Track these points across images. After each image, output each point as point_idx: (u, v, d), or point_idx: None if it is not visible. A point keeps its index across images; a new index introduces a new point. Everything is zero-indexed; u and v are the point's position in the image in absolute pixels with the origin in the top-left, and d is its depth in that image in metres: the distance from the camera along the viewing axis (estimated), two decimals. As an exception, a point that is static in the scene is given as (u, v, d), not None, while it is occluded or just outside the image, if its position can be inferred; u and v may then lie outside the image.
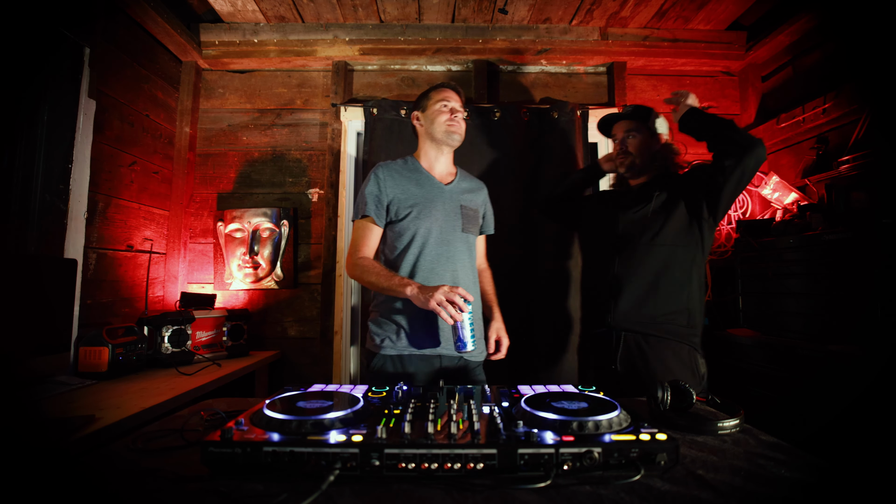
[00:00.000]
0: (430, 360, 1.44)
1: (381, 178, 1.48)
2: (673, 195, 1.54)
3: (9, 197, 1.62)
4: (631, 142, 1.62)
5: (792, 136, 2.28)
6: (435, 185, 1.52)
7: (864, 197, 1.79)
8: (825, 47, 2.18)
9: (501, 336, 1.55)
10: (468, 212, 1.54)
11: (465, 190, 1.59)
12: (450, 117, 1.51)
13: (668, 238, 1.51)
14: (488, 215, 1.67)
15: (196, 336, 2.07)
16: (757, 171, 1.42)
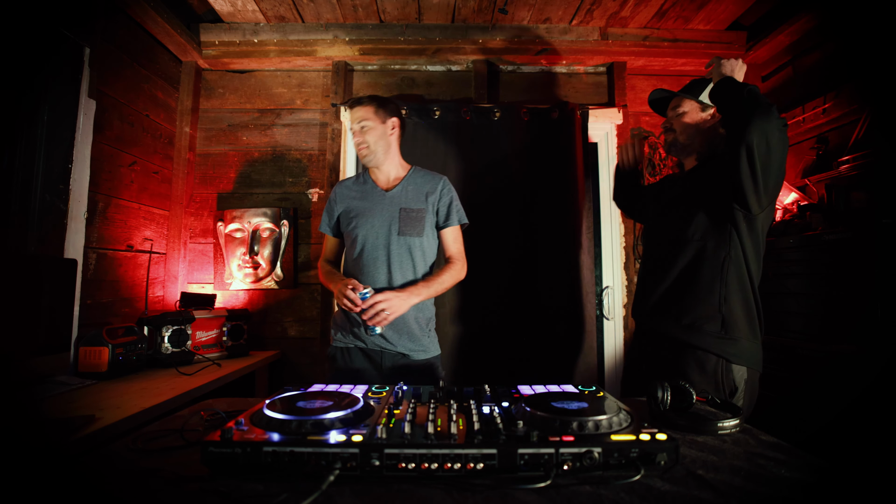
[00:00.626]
0: (371, 355, 1.54)
1: (333, 196, 1.69)
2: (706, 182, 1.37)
3: (9, 197, 1.62)
4: (674, 118, 1.50)
5: (792, 136, 2.28)
6: (376, 194, 1.62)
7: (864, 197, 1.79)
8: (825, 47, 2.18)
9: (379, 302, 1.40)
10: (408, 214, 1.57)
11: (409, 191, 1.61)
12: (355, 143, 1.60)
13: (696, 233, 1.34)
14: (446, 209, 1.61)
15: (196, 336, 2.06)
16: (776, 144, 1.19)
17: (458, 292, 2.33)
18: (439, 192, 1.62)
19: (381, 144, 1.59)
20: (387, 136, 1.61)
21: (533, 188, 2.38)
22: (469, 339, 2.32)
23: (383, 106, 1.61)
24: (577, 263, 2.34)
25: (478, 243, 2.34)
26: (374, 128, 1.58)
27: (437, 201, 1.61)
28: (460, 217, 1.65)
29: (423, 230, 1.57)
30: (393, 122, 1.63)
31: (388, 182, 1.64)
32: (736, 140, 1.21)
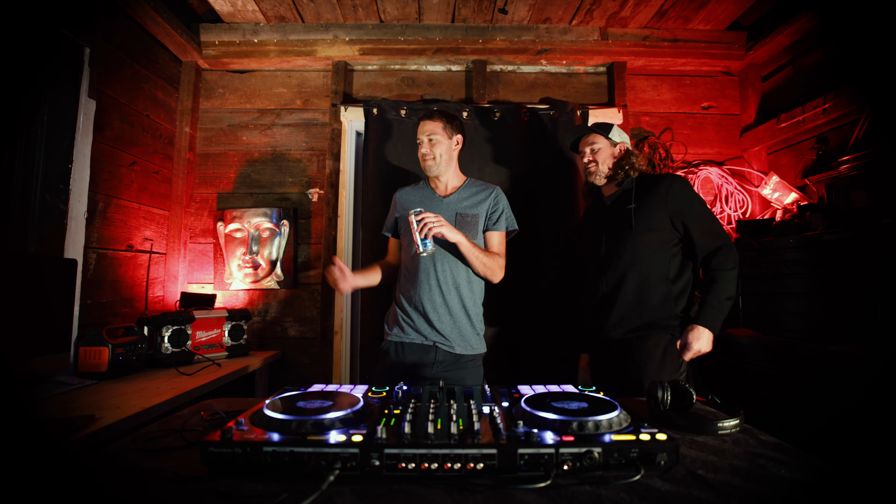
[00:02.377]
0: (426, 349, 1.64)
1: (394, 201, 1.83)
2: (648, 209, 1.63)
3: (9, 197, 1.62)
4: (592, 153, 1.77)
5: (792, 136, 2.28)
6: (435, 200, 1.74)
7: (864, 197, 1.79)
8: (825, 47, 2.18)
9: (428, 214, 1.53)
10: (464, 218, 1.68)
11: (465, 198, 1.73)
12: (421, 153, 1.72)
13: (645, 256, 1.62)
14: (497, 215, 1.73)
15: (196, 336, 2.06)
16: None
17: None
18: (493, 199, 1.73)
19: (445, 157, 1.70)
20: (451, 150, 1.73)
21: (533, 188, 2.38)
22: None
23: (451, 122, 1.72)
24: (578, 263, 2.34)
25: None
26: (442, 141, 1.69)
27: (490, 208, 1.72)
28: (509, 223, 1.75)
29: (477, 234, 1.69)
30: (458, 139, 1.74)
31: (445, 190, 1.76)
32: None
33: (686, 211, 1.60)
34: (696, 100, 2.63)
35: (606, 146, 1.76)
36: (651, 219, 1.61)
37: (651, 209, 1.62)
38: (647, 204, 1.63)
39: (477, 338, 1.71)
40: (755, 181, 2.49)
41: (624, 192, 1.72)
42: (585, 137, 1.81)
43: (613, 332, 1.64)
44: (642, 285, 1.61)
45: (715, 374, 2.23)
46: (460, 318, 1.66)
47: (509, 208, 1.76)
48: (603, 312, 1.68)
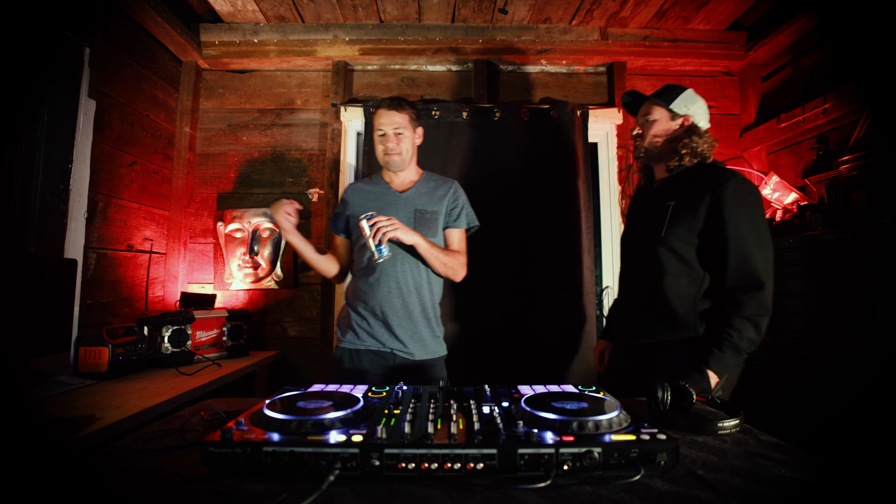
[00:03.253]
0: (382, 356, 1.55)
1: (345, 197, 1.69)
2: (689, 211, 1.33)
3: (9, 197, 1.62)
4: (644, 125, 1.47)
5: (792, 136, 2.28)
6: (391, 196, 1.63)
7: (864, 197, 1.79)
8: (825, 47, 2.18)
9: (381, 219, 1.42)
10: (423, 215, 1.59)
11: (423, 193, 1.63)
12: (385, 147, 1.59)
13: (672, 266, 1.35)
14: (457, 211, 1.64)
15: (196, 336, 2.06)
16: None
17: (459, 292, 2.33)
18: (452, 195, 1.65)
19: (410, 152, 1.62)
20: (414, 144, 1.64)
21: (533, 188, 2.38)
22: (469, 339, 2.32)
23: (415, 114, 1.64)
24: (578, 263, 2.34)
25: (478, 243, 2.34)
26: (409, 136, 1.60)
27: (450, 204, 1.64)
28: (469, 220, 1.67)
29: (437, 232, 1.60)
30: (420, 132, 1.66)
31: (402, 185, 1.65)
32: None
33: (728, 225, 1.27)
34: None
35: (663, 119, 1.44)
36: (689, 223, 1.32)
37: (692, 211, 1.32)
38: (690, 203, 1.33)
39: (436, 341, 1.63)
40: (755, 181, 2.49)
41: (670, 179, 1.43)
42: (644, 104, 1.52)
43: (636, 338, 1.45)
44: (664, 300, 1.36)
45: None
46: (420, 322, 1.56)
47: (468, 203, 1.69)
48: (626, 313, 1.54)
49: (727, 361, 1.27)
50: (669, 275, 1.35)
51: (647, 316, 1.41)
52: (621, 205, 2.53)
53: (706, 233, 1.32)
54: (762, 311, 1.26)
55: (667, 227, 1.35)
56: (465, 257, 1.63)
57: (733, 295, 1.29)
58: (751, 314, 1.26)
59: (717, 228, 1.30)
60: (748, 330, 1.26)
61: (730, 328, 1.26)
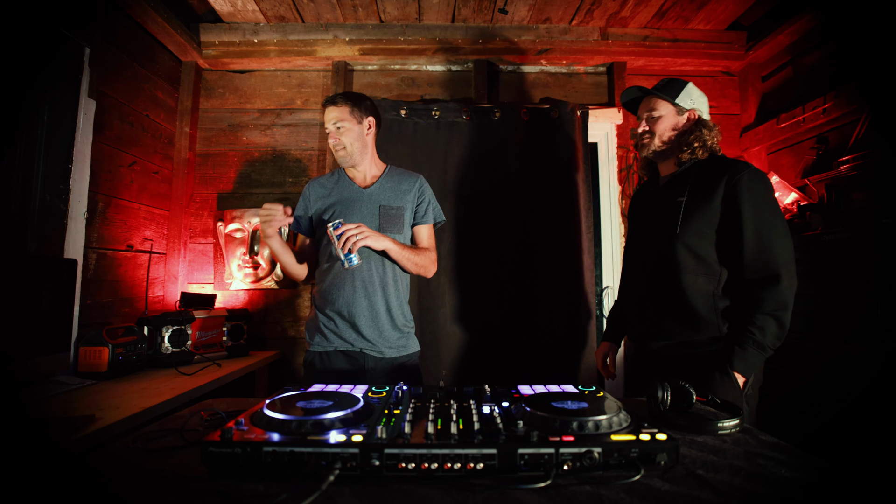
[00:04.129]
0: (353, 357, 1.53)
1: (306, 194, 1.64)
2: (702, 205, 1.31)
3: (9, 197, 1.62)
4: (650, 121, 1.43)
5: (792, 136, 2.28)
6: (354, 192, 1.59)
7: (864, 197, 1.79)
8: (825, 47, 2.18)
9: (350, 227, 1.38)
10: (388, 211, 1.56)
11: (388, 188, 1.59)
12: (331, 144, 1.57)
13: (690, 264, 1.32)
14: (424, 207, 1.61)
15: (196, 336, 2.06)
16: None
17: (459, 292, 2.33)
18: (418, 190, 1.61)
19: (357, 145, 1.55)
20: (363, 136, 1.57)
21: (533, 188, 2.38)
22: (469, 339, 2.32)
23: (358, 105, 1.55)
24: (578, 263, 2.34)
25: (478, 243, 2.35)
26: (351, 128, 1.53)
27: (416, 199, 1.60)
28: (436, 215, 1.65)
29: (403, 227, 1.57)
30: (369, 122, 1.59)
31: (364, 180, 1.62)
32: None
33: (745, 216, 1.25)
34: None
35: (671, 114, 1.41)
36: (704, 218, 1.30)
37: (706, 205, 1.29)
38: (703, 198, 1.30)
39: (405, 337, 1.58)
40: (755, 181, 2.48)
41: (680, 174, 1.39)
42: (646, 101, 1.47)
43: (651, 342, 1.39)
44: (683, 298, 1.32)
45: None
46: (386, 321, 1.53)
47: (434, 198, 1.66)
48: (640, 316, 1.45)
49: (752, 360, 1.24)
50: (687, 273, 1.32)
51: (665, 317, 1.36)
52: (621, 205, 2.53)
53: (722, 226, 1.29)
54: (783, 306, 1.23)
55: (681, 224, 1.31)
56: (434, 253, 1.61)
57: (752, 290, 1.26)
58: (771, 309, 1.23)
59: (733, 220, 1.27)
60: (771, 326, 1.23)
61: (751, 326, 1.24)
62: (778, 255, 1.24)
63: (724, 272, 1.32)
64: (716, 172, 1.32)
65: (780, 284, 1.23)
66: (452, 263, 2.34)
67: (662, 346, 1.37)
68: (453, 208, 2.36)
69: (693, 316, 1.31)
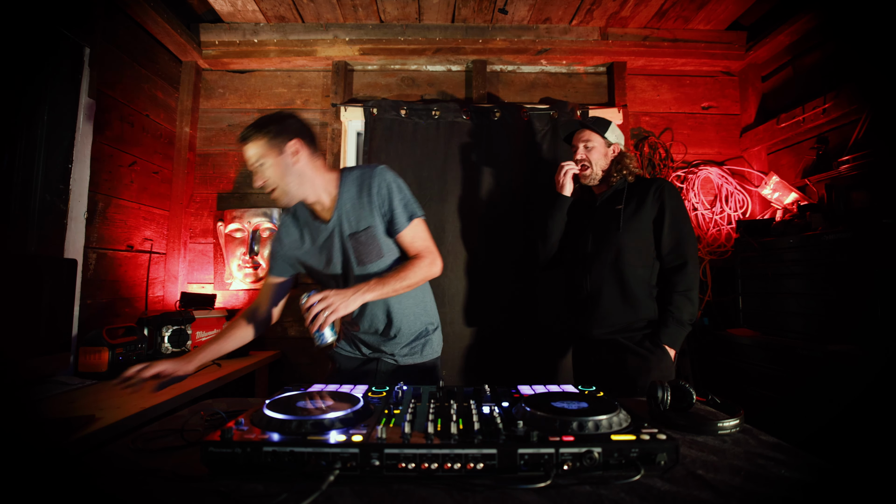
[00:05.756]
0: (368, 361, 1.48)
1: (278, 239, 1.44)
2: (636, 211, 1.61)
3: (9, 197, 1.62)
4: (585, 151, 1.71)
5: (792, 136, 2.28)
6: (317, 229, 1.38)
7: (864, 197, 1.79)
8: (825, 47, 2.18)
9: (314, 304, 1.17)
10: (358, 239, 1.34)
11: (350, 212, 1.34)
12: (257, 184, 1.31)
13: (630, 258, 1.59)
14: (394, 211, 1.33)
15: (196, 336, 2.06)
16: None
17: (459, 292, 2.33)
18: (378, 195, 1.33)
19: (289, 179, 1.28)
20: (288, 166, 1.28)
21: (533, 188, 2.38)
22: (470, 340, 2.32)
23: (276, 133, 1.27)
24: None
25: (478, 243, 2.35)
26: (275, 163, 1.27)
27: (379, 206, 1.34)
28: (412, 211, 1.35)
29: (382, 249, 1.35)
30: (293, 147, 1.29)
31: (324, 208, 1.37)
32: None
33: (666, 217, 1.57)
34: (696, 100, 2.63)
35: (601, 145, 1.71)
36: (638, 221, 1.60)
37: (639, 212, 1.61)
38: (636, 206, 1.62)
39: (423, 345, 1.45)
40: (755, 181, 2.49)
41: (615, 192, 1.69)
42: (580, 133, 1.75)
43: (596, 331, 1.62)
44: (627, 286, 1.58)
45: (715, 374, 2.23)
46: (392, 335, 1.41)
47: (401, 189, 1.35)
48: (586, 311, 1.65)
49: (675, 334, 1.52)
50: (629, 265, 1.58)
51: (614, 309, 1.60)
52: (621, 205, 2.53)
53: (650, 226, 1.60)
54: (691, 286, 1.54)
55: (622, 223, 1.60)
56: (432, 254, 1.36)
57: (668, 277, 1.57)
58: (682, 289, 1.53)
59: (658, 220, 1.59)
60: (684, 303, 1.52)
61: (669, 305, 1.54)
62: (690, 248, 1.56)
63: (656, 264, 1.60)
64: (643, 186, 1.65)
65: (688, 268, 1.54)
66: (453, 263, 2.34)
67: (607, 333, 1.61)
68: (453, 208, 2.36)
69: (634, 300, 1.58)
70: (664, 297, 1.57)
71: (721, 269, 2.42)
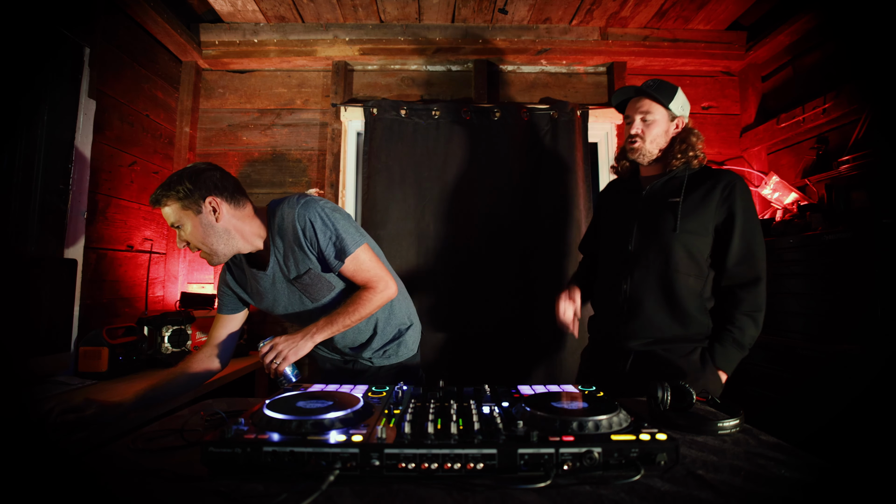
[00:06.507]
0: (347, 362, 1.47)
1: (226, 280, 1.38)
2: (697, 208, 1.33)
3: (9, 197, 1.62)
4: (641, 124, 1.40)
5: (792, 136, 2.28)
6: (262, 280, 1.30)
7: (864, 197, 1.79)
8: (825, 47, 2.18)
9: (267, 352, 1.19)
10: (303, 281, 1.27)
11: (284, 257, 1.26)
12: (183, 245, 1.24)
13: (683, 264, 1.33)
14: (330, 247, 1.23)
15: (196, 336, 2.06)
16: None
17: (458, 292, 2.33)
18: (301, 235, 1.22)
19: (214, 239, 1.18)
20: (210, 226, 1.17)
21: (533, 188, 2.38)
22: (470, 341, 2.32)
23: (188, 192, 1.15)
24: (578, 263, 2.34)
25: (478, 243, 2.35)
26: (196, 225, 1.16)
27: (312, 249, 1.23)
28: (342, 248, 1.23)
29: (330, 283, 1.29)
30: (211, 204, 1.17)
31: (259, 254, 1.30)
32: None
33: (738, 221, 1.30)
34: (696, 100, 2.62)
35: (664, 118, 1.39)
36: (699, 220, 1.32)
37: (700, 209, 1.32)
38: (697, 202, 1.33)
39: (397, 346, 1.43)
40: (755, 181, 2.49)
41: (671, 179, 1.39)
42: (638, 101, 1.42)
43: (633, 342, 1.37)
44: (676, 297, 1.33)
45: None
46: (364, 345, 1.40)
47: (327, 227, 1.22)
48: (621, 317, 1.40)
49: (732, 357, 1.31)
50: (681, 272, 1.33)
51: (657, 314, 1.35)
52: (621, 205, 2.53)
53: (711, 228, 1.34)
54: (759, 307, 1.31)
55: (680, 222, 1.32)
56: (378, 282, 1.27)
57: (733, 291, 1.32)
58: (749, 310, 1.30)
59: (726, 226, 1.32)
60: (749, 326, 1.30)
61: (731, 325, 1.30)
62: (762, 262, 1.32)
63: (711, 273, 1.36)
64: (708, 178, 1.36)
65: (760, 286, 1.30)
66: (451, 263, 2.34)
67: (644, 343, 1.36)
68: (452, 208, 2.36)
69: (683, 314, 1.34)
70: (724, 313, 1.32)
71: (721, 269, 2.41)
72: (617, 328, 1.41)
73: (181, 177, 1.16)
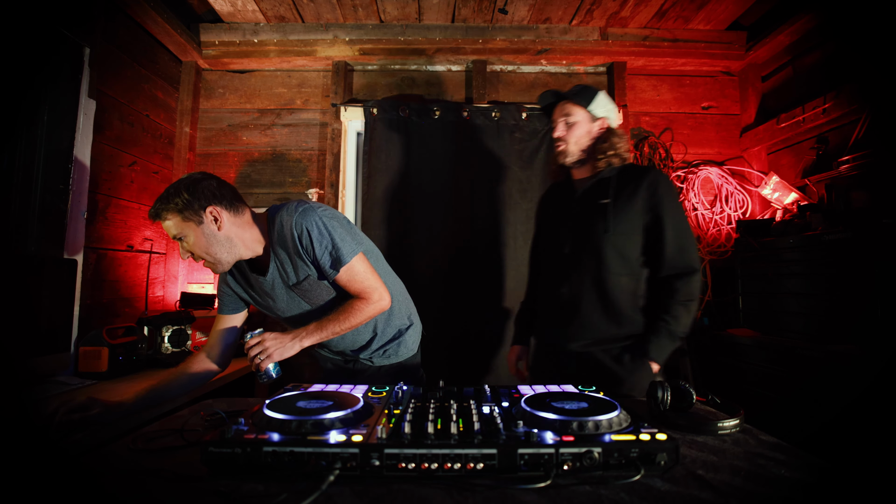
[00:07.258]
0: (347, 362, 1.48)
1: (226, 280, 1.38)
2: (626, 207, 1.36)
3: (9, 197, 1.62)
4: (564, 127, 1.43)
5: (792, 136, 2.28)
6: (261, 284, 1.31)
7: (864, 197, 1.79)
8: (825, 47, 2.18)
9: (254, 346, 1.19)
10: (302, 288, 1.29)
11: (283, 264, 1.26)
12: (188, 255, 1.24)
13: (615, 264, 1.36)
14: (327, 256, 1.23)
15: (196, 336, 2.06)
16: None
17: (458, 291, 2.33)
18: (299, 244, 1.22)
19: (216, 248, 1.19)
20: (212, 235, 1.18)
21: (533, 189, 2.38)
22: (469, 342, 2.31)
23: (185, 206, 1.15)
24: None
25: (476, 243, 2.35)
26: (198, 235, 1.17)
27: (308, 257, 1.24)
28: (338, 257, 1.22)
29: (330, 289, 1.31)
30: (212, 213, 1.17)
31: (260, 260, 1.31)
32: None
33: (667, 217, 1.33)
34: (696, 100, 2.63)
35: (585, 120, 1.42)
36: (628, 220, 1.35)
37: (629, 208, 1.35)
38: (626, 201, 1.35)
39: (398, 345, 1.44)
40: (755, 181, 2.49)
41: (600, 181, 1.41)
42: (561, 105, 1.45)
43: (573, 344, 1.40)
44: (609, 297, 1.36)
45: (715, 374, 2.23)
46: (364, 347, 1.41)
47: (323, 236, 1.21)
48: (561, 320, 1.42)
49: (665, 347, 1.33)
50: (613, 273, 1.36)
51: (592, 315, 1.38)
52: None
53: (641, 225, 1.36)
54: (693, 296, 1.34)
55: (611, 223, 1.35)
56: (371, 293, 1.27)
57: (668, 283, 1.35)
58: (684, 299, 1.32)
59: (655, 222, 1.35)
60: (683, 315, 1.32)
61: (666, 315, 1.33)
62: (693, 252, 1.36)
63: (644, 272, 1.39)
64: (633, 176, 1.39)
65: (695, 276, 1.33)
66: (451, 263, 2.34)
67: (584, 345, 1.39)
68: (452, 208, 2.36)
69: (618, 314, 1.36)
70: (659, 304, 1.35)
71: (721, 269, 2.42)
72: (558, 331, 1.44)
73: (178, 188, 1.16)
